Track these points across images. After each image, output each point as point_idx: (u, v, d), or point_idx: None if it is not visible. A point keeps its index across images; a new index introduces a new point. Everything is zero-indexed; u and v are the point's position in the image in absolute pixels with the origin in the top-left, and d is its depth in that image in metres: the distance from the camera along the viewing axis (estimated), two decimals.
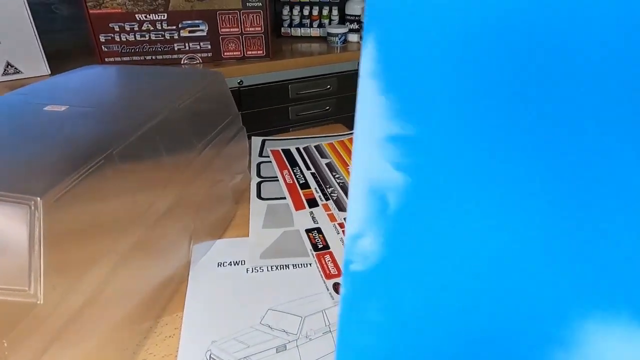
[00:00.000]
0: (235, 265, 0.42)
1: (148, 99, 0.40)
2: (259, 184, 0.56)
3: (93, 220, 0.30)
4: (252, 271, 0.41)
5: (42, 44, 1.14)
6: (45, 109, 0.36)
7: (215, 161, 0.46)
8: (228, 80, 1.23)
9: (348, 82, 1.42)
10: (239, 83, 1.26)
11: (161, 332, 0.35)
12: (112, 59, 1.23)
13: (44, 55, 1.15)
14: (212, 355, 0.33)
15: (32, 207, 0.25)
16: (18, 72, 1.14)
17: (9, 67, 1.13)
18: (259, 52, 1.30)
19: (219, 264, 0.42)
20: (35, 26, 1.11)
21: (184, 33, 1.23)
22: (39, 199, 0.25)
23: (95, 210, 0.30)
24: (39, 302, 0.25)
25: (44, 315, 0.25)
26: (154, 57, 1.25)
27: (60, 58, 1.26)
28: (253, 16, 1.24)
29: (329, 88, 1.40)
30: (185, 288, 0.40)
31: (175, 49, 1.24)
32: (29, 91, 0.41)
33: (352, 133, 0.69)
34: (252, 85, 1.28)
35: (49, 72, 1.16)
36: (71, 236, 0.28)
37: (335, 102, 1.44)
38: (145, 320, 0.36)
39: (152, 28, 1.21)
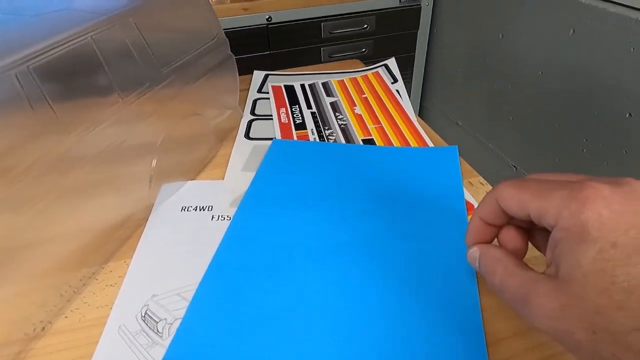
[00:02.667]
0: (200, 210, 0.37)
1: (97, 6, 0.34)
2: (249, 122, 0.50)
3: (14, 159, 0.25)
4: (218, 219, 0.36)
5: None
6: None
7: (189, 91, 0.40)
8: (256, 17, 1.16)
9: (387, 21, 1.29)
10: (267, 20, 1.17)
11: (103, 280, 0.31)
12: None
13: None
14: (147, 312, 0.28)
15: None
16: None
17: None
18: None
19: (183, 208, 0.37)
20: None
21: None
22: None
23: (17, 148, 0.25)
24: None
25: None
26: None
27: None
28: None
29: (366, 27, 1.28)
30: (142, 233, 0.35)
31: None
32: None
33: (366, 69, 0.60)
34: (281, 22, 1.19)
35: None
36: None
37: (372, 44, 1.32)
38: (87, 265, 0.32)
39: None
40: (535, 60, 1.01)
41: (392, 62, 0.59)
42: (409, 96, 0.53)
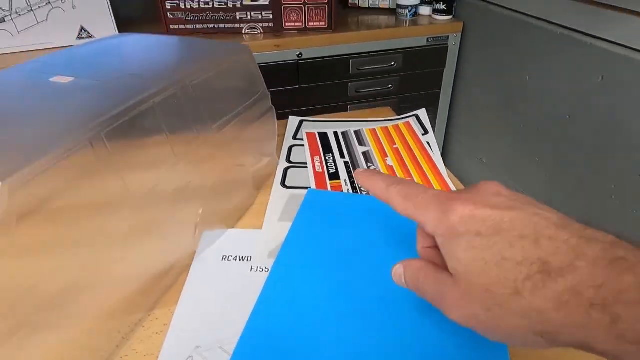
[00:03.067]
0: (240, 260, 0.39)
1: (160, 72, 0.37)
2: (285, 170, 0.52)
3: (74, 205, 0.28)
4: (257, 270, 0.38)
5: (115, 10, 1.17)
6: (52, 79, 0.34)
7: (235, 143, 0.43)
8: (288, 52, 1.21)
9: (414, 59, 1.32)
10: (298, 55, 1.22)
11: (149, 327, 0.33)
12: (176, 26, 1.24)
13: (114, 21, 1.18)
14: None
15: None
16: (90, 37, 1.18)
17: (83, 31, 1.18)
18: (321, 23, 1.24)
19: (224, 257, 0.39)
20: None
21: (246, 2, 1.20)
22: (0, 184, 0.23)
23: (78, 194, 0.28)
24: None
25: (7, 302, 0.23)
26: (216, 26, 1.24)
27: (130, 23, 1.29)
28: None
29: (393, 65, 1.31)
30: (185, 280, 0.37)
31: (237, 17, 1.22)
32: (48, 59, 0.40)
33: (398, 118, 0.62)
34: (311, 58, 1.23)
35: None
36: (43, 222, 0.26)
37: (398, 80, 1.35)
38: (136, 312, 0.34)
39: None
40: (563, 104, 1.02)
41: (422, 113, 0.61)
42: (434, 131, 0.54)
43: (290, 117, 0.64)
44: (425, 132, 0.58)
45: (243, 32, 1.24)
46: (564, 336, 0.20)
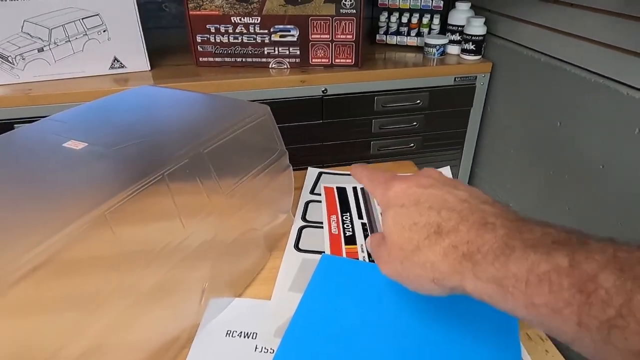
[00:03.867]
0: (245, 337, 0.37)
1: (174, 138, 0.37)
2: (300, 230, 0.50)
3: (77, 278, 0.27)
4: (262, 350, 0.36)
5: (149, 41, 1.20)
6: (65, 144, 0.34)
7: (250, 202, 0.42)
8: (313, 88, 1.21)
9: (441, 97, 1.30)
10: (323, 91, 1.22)
11: None
12: (205, 59, 1.26)
13: (146, 52, 1.21)
14: None
15: None
16: (123, 67, 1.22)
17: (116, 61, 1.21)
18: (347, 60, 1.24)
19: (228, 333, 0.37)
20: (145, 23, 1.18)
21: (274, 37, 1.22)
22: None
23: (81, 268, 0.27)
24: None
25: None
26: (244, 60, 1.26)
27: (162, 54, 1.33)
28: (345, 23, 1.19)
29: (419, 103, 1.30)
30: (186, 355, 0.36)
31: (265, 52, 1.24)
32: (66, 117, 0.40)
33: None
34: (336, 94, 1.23)
35: (149, 67, 1.22)
36: (48, 289, 0.25)
37: (423, 118, 1.33)
38: None
39: (245, 31, 1.22)
40: (596, 154, 0.97)
41: (447, 171, 0.59)
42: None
43: (309, 168, 0.62)
44: None
45: (270, 66, 1.25)
46: (448, 281, 0.27)
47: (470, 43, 1.26)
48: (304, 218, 0.52)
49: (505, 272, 0.23)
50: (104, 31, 1.18)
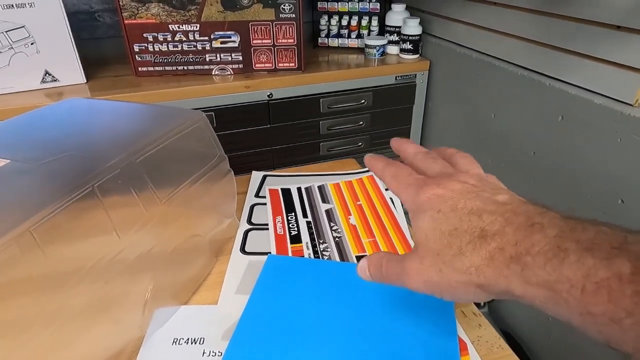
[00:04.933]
0: (192, 343, 0.37)
1: (104, 149, 0.36)
2: (246, 233, 0.50)
3: (6, 295, 0.26)
4: (210, 355, 0.36)
5: (83, 52, 1.16)
6: None
7: (192, 209, 0.42)
8: (258, 93, 1.21)
9: (384, 96, 1.34)
10: (268, 96, 1.22)
11: None
12: (145, 69, 1.23)
13: (80, 64, 1.17)
14: None
15: None
16: (55, 80, 1.16)
17: (47, 75, 1.16)
18: (291, 64, 1.25)
19: (175, 341, 0.37)
20: (78, 34, 1.13)
21: (215, 44, 1.21)
22: None
23: (8, 287, 0.26)
24: None
25: None
26: (185, 68, 1.23)
27: (98, 65, 1.28)
28: (286, 28, 1.20)
29: (364, 102, 1.33)
30: None
31: (207, 59, 1.22)
32: None
33: (361, 172, 0.62)
34: (282, 98, 1.24)
35: (85, 80, 1.18)
36: None
37: (369, 118, 1.37)
38: None
39: (184, 38, 1.20)
40: (527, 142, 1.04)
41: None
42: None
43: (253, 172, 0.63)
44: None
45: (213, 73, 1.24)
46: (495, 287, 0.25)
47: (408, 43, 1.31)
48: (249, 221, 0.53)
49: (559, 276, 0.22)
50: (32, 44, 1.12)
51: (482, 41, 1.12)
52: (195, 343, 0.37)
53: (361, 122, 1.37)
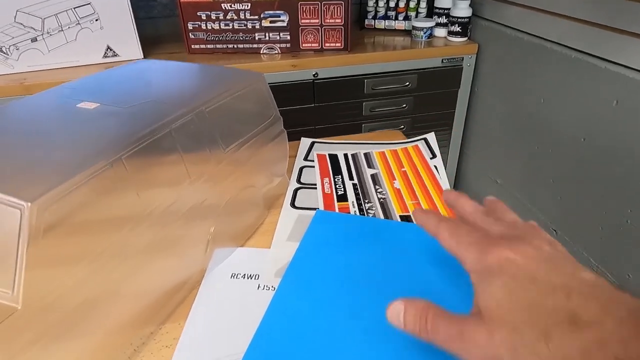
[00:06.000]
0: (248, 278, 0.40)
1: (178, 98, 0.40)
2: (295, 191, 0.54)
3: (95, 223, 0.30)
4: (264, 288, 0.39)
5: (141, 30, 1.22)
6: (78, 105, 0.37)
7: (248, 164, 0.45)
8: (304, 72, 1.24)
9: (429, 79, 1.33)
10: (314, 75, 1.25)
11: (160, 340, 0.35)
12: (197, 46, 1.29)
13: (139, 41, 1.23)
14: None
15: (22, 212, 0.25)
16: (116, 55, 1.24)
17: (109, 50, 1.23)
18: (337, 44, 1.27)
19: (233, 275, 0.41)
20: (136, 13, 1.20)
21: (265, 23, 1.24)
22: (28, 204, 0.25)
23: (99, 213, 0.30)
24: (18, 307, 0.25)
25: (23, 319, 0.25)
26: (235, 46, 1.28)
27: (154, 43, 1.35)
28: (334, 8, 1.21)
29: (408, 85, 1.33)
30: (195, 295, 0.39)
31: (256, 38, 1.26)
32: (76, 85, 0.43)
33: (406, 142, 0.64)
34: (327, 77, 1.26)
35: (142, 56, 1.25)
36: (67, 238, 0.28)
37: (412, 100, 1.37)
38: (148, 325, 0.36)
39: (235, 17, 1.24)
40: (577, 127, 1.02)
41: (431, 137, 0.62)
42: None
43: (302, 138, 0.66)
44: (434, 155, 0.59)
45: (261, 52, 1.28)
46: None
47: (457, 25, 1.30)
48: (298, 181, 0.56)
49: None
50: (96, 20, 1.19)
51: (534, 23, 1.10)
52: (251, 278, 0.40)
53: (404, 105, 1.37)
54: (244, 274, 0.41)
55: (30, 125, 0.35)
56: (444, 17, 1.33)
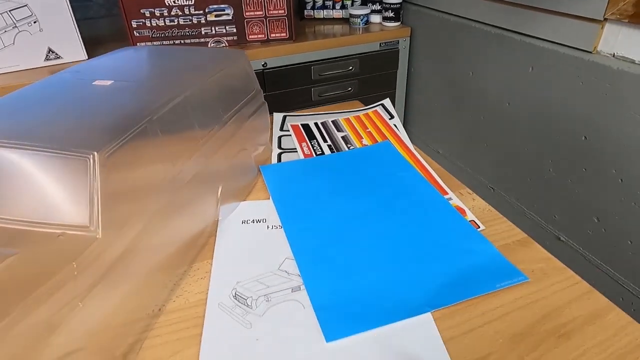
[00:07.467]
0: (257, 222, 0.47)
1: (181, 74, 0.45)
2: (279, 155, 0.60)
3: (136, 175, 0.35)
4: (272, 228, 0.46)
5: (82, 30, 1.21)
6: (94, 83, 0.41)
7: (238, 132, 0.51)
8: (253, 63, 1.29)
9: (369, 62, 1.44)
10: (263, 65, 1.31)
11: (194, 275, 0.41)
12: (143, 44, 1.29)
13: (82, 41, 1.22)
14: (237, 293, 0.38)
15: (91, 160, 0.30)
16: (58, 57, 1.22)
17: (50, 52, 1.21)
18: (282, 34, 1.33)
19: (243, 222, 0.47)
20: (73, 14, 1.18)
21: (210, 17, 1.28)
22: (95, 153, 0.30)
23: (138, 166, 0.35)
24: (98, 236, 0.30)
25: (100, 249, 0.30)
26: (182, 42, 1.30)
27: (96, 43, 1.33)
28: None
29: (351, 69, 1.43)
30: (214, 241, 0.45)
31: (203, 32, 1.30)
32: (78, 69, 0.47)
33: (367, 108, 0.72)
34: (275, 67, 1.33)
35: (86, 57, 1.23)
36: (120, 186, 0.33)
37: (357, 83, 1.47)
38: (180, 266, 0.41)
39: (180, 13, 1.27)
40: (502, 94, 1.17)
41: (387, 102, 0.72)
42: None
43: (274, 113, 0.72)
44: (392, 117, 0.68)
45: (209, 46, 1.31)
46: None
47: (390, 11, 1.41)
48: (279, 147, 0.63)
49: None
50: (35, 22, 1.17)
51: (459, 5, 1.24)
52: (259, 222, 0.47)
53: (349, 88, 1.47)
54: (253, 219, 0.47)
55: (61, 98, 0.39)
56: (378, 4, 1.44)
